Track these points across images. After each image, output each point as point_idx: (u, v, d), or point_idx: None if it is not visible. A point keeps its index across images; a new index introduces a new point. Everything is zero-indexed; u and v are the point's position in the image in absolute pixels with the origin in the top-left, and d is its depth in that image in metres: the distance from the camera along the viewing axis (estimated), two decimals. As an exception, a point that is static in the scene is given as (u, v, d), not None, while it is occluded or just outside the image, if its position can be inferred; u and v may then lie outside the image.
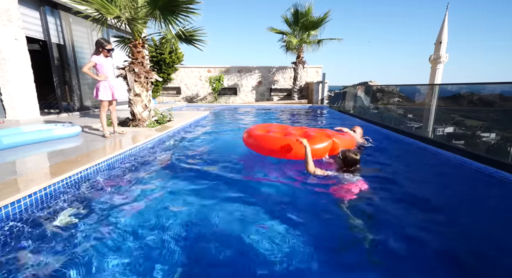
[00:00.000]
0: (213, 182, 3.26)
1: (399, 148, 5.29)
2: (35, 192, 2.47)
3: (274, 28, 14.11)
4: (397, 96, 7.26)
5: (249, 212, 2.54)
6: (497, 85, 4.61)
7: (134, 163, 3.83)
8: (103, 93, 4.57)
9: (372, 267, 1.87)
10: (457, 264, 1.92)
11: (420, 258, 1.96)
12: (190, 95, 15.41)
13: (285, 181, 3.31)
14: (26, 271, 1.69)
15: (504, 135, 4.53)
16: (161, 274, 1.72)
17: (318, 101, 13.24)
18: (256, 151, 4.02)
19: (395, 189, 3.12)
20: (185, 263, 1.84)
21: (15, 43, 6.16)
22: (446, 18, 17.03)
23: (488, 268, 1.89)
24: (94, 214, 2.40)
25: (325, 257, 1.95)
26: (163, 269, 1.76)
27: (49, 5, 7.10)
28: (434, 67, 17.74)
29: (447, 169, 4.05)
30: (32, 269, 1.71)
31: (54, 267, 1.73)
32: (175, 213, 2.49)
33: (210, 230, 2.26)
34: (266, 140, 3.86)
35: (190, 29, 6.01)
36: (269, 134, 3.99)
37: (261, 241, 2.06)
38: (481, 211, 2.74)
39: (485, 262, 1.95)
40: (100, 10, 4.71)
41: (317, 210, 2.65)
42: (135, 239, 2.07)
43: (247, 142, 4.19)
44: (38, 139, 4.20)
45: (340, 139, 3.86)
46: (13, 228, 2.10)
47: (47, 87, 7.93)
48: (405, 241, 2.15)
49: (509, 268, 1.88)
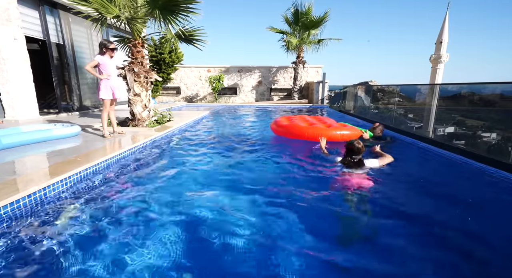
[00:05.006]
0: (213, 182, 3.25)
1: (399, 148, 5.27)
2: (34, 192, 2.46)
3: (274, 28, 14.08)
4: (398, 96, 7.24)
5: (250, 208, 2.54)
6: (498, 85, 4.60)
7: (134, 163, 3.82)
8: (104, 92, 4.58)
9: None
10: (457, 264, 1.91)
11: (419, 258, 1.95)
12: (190, 95, 15.39)
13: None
14: (26, 271, 1.68)
15: (505, 135, 4.52)
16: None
17: (318, 101, 13.23)
18: (286, 137, 5.34)
19: (394, 188, 3.11)
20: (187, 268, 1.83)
21: (14, 42, 6.14)
22: (447, 17, 17.00)
23: (489, 268, 1.88)
24: (93, 214, 2.39)
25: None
26: (163, 272, 1.75)
27: (48, 4, 7.08)
28: (434, 67, 17.70)
29: (447, 169, 4.03)
30: (31, 269, 1.69)
31: (54, 267, 1.72)
32: (175, 213, 2.48)
33: (210, 229, 2.24)
34: (297, 128, 5.22)
35: (190, 29, 5.99)
36: (300, 124, 5.41)
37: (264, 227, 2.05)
38: (480, 211, 2.73)
39: (485, 262, 1.93)
40: (100, 10, 4.69)
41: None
42: (134, 239, 2.06)
43: (276, 130, 5.60)
44: (37, 139, 4.18)
45: (351, 129, 5.17)
46: (12, 228, 2.08)
47: (47, 87, 7.93)
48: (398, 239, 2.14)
49: (509, 268, 1.88)
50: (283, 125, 5.47)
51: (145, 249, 1.94)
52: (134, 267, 1.76)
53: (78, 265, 1.76)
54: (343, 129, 5.11)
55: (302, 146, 4.92)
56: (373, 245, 2.15)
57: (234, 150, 4.73)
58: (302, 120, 5.83)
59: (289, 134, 5.29)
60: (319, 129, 5.06)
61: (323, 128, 5.12)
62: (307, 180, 3.37)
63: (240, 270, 1.81)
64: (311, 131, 5.01)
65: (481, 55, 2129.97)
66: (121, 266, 1.78)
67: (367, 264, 1.87)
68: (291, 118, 6.03)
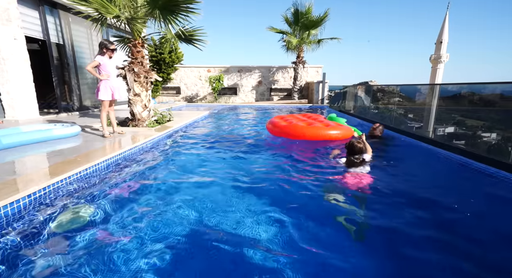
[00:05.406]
0: (213, 181, 3.25)
1: (399, 148, 5.27)
2: (34, 192, 2.46)
3: (274, 28, 14.07)
4: (398, 96, 7.24)
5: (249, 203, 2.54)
6: (498, 85, 4.59)
7: (134, 163, 3.82)
8: (104, 93, 4.58)
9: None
10: (456, 264, 1.91)
11: (418, 257, 1.95)
12: (190, 95, 15.38)
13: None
14: (25, 271, 1.68)
15: (505, 135, 4.52)
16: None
17: (318, 101, 13.22)
18: (283, 136, 5.38)
19: (392, 188, 3.11)
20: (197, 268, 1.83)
21: (14, 42, 6.14)
22: (447, 17, 17.01)
23: (489, 268, 1.88)
24: (93, 214, 2.39)
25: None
26: (162, 272, 1.75)
27: (48, 4, 7.08)
28: (434, 67, 17.72)
29: (447, 169, 4.03)
30: (31, 270, 1.69)
31: (53, 268, 1.72)
32: (175, 212, 2.48)
33: (210, 229, 2.24)
34: (292, 128, 5.29)
35: (190, 29, 5.99)
36: (295, 123, 5.47)
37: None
38: (480, 211, 2.73)
39: (484, 262, 1.93)
40: (100, 10, 4.69)
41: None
42: (134, 238, 2.06)
43: (272, 130, 5.65)
44: (37, 139, 4.18)
45: (343, 128, 5.31)
46: (12, 229, 2.08)
47: (47, 87, 7.93)
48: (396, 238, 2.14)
49: (509, 268, 1.88)
50: (279, 125, 5.56)
51: (145, 248, 1.94)
52: (134, 267, 1.76)
53: (78, 265, 1.76)
54: (335, 129, 5.24)
55: (305, 146, 4.93)
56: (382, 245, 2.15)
57: (234, 150, 4.73)
58: (297, 120, 5.90)
59: (283, 134, 5.40)
60: (315, 128, 5.23)
61: (318, 127, 5.28)
62: (312, 180, 3.34)
63: (240, 270, 1.81)
64: (304, 130, 5.19)
65: (481, 55, 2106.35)
66: (121, 265, 1.78)
67: (375, 265, 1.87)
68: (286, 118, 6.13)
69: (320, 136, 5.11)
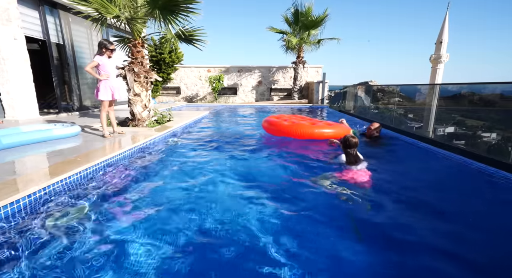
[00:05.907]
0: (213, 181, 3.24)
1: (399, 148, 5.28)
2: (34, 192, 2.46)
3: (274, 28, 14.08)
4: (398, 96, 7.24)
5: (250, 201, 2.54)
6: (498, 85, 4.59)
7: (133, 163, 3.82)
8: (103, 93, 4.57)
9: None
10: (456, 264, 1.91)
11: (417, 257, 1.96)
12: (189, 95, 15.39)
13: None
14: (25, 271, 1.68)
15: (505, 135, 4.52)
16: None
17: (318, 101, 13.22)
18: (278, 135, 5.48)
19: (392, 187, 3.12)
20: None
21: (14, 42, 6.14)
22: (447, 17, 17.01)
23: (489, 268, 1.88)
24: (93, 214, 2.39)
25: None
26: (163, 271, 1.74)
27: (48, 4, 7.08)
28: (434, 67, 17.73)
29: (447, 169, 4.03)
30: (30, 270, 1.69)
31: (53, 268, 1.72)
32: (175, 213, 2.48)
33: (210, 228, 2.24)
34: (286, 127, 5.34)
35: (190, 29, 5.99)
36: (288, 123, 5.47)
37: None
38: (480, 211, 2.73)
39: (484, 262, 1.93)
40: (100, 10, 4.69)
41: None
42: (134, 239, 2.06)
43: (268, 128, 5.71)
44: (37, 139, 4.18)
45: (340, 127, 5.33)
46: (12, 229, 2.08)
47: (47, 87, 7.92)
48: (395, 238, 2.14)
49: (509, 268, 1.88)
50: (274, 123, 5.64)
51: (145, 248, 1.94)
52: (134, 267, 1.76)
53: (78, 265, 1.76)
54: (328, 127, 5.30)
55: (305, 144, 4.94)
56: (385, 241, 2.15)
57: (234, 150, 4.73)
58: (291, 119, 5.95)
59: (278, 132, 5.49)
60: (306, 127, 5.31)
61: (309, 126, 5.35)
62: (311, 178, 3.35)
63: (240, 270, 1.81)
64: (298, 129, 5.27)
65: (481, 55, 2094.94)
66: (121, 265, 1.78)
67: (377, 261, 1.87)
68: (281, 117, 6.16)
69: (317, 135, 5.14)
